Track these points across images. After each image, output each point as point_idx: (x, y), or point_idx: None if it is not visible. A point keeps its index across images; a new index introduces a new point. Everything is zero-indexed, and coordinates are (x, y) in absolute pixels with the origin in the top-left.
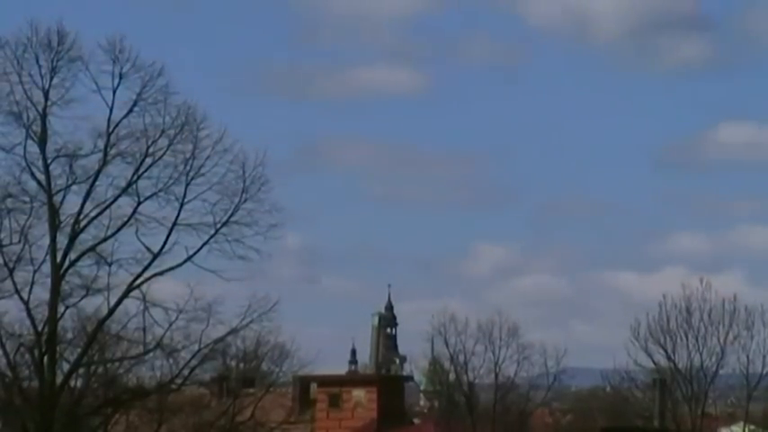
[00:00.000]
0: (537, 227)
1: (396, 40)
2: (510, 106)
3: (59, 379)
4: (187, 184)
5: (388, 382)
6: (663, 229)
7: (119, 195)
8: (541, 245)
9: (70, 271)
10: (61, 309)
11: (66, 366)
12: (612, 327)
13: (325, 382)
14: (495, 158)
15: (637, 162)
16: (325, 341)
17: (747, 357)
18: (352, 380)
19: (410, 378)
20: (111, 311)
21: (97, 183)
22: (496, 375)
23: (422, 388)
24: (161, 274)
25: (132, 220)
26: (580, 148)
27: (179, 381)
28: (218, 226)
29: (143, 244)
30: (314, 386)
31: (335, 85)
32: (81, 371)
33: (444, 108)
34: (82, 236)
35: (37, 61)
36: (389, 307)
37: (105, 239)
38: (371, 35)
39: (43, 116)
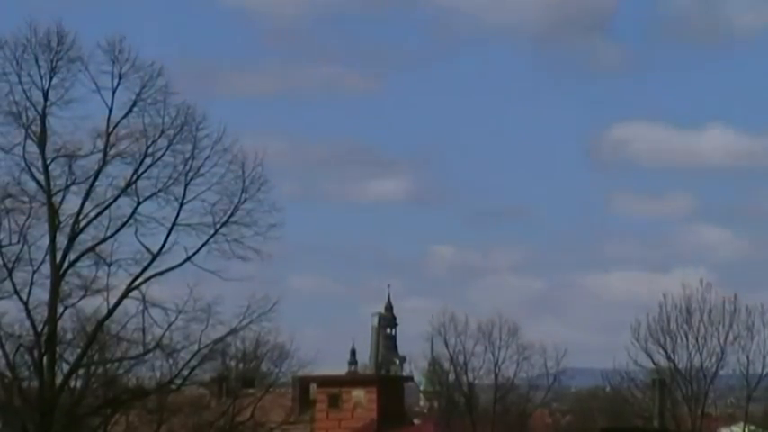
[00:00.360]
0: (479, 228)
1: (320, 38)
2: (445, 108)
3: (59, 379)
4: (186, 185)
5: (387, 382)
6: (605, 227)
7: (118, 196)
8: (489, 245)
9: (69, 271)
10: (60, 309)
11: (65, 367)
12: (579, 325)
13: (324, 382)
14: (422, 162)
15: (569, 161)
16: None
17: (747, 358)
18: (352, 380)
19: (410, 378)
20: (111, 312)
21: (96, 183)
22: (496, 376)
23: (421, 388)
24: (160, 274)
25: (132, 221)
26: (507, 147)
27: (178, 381)
28: (218, 226)
29: (142, 244)
30: (313, 386)
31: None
32: (80, 371)
33: (380, 108)
34: (81, 236)
35: (36, 62)
36: (389, 307)
37: (105, 240)
38: (292, 32)
39: (42, 116)
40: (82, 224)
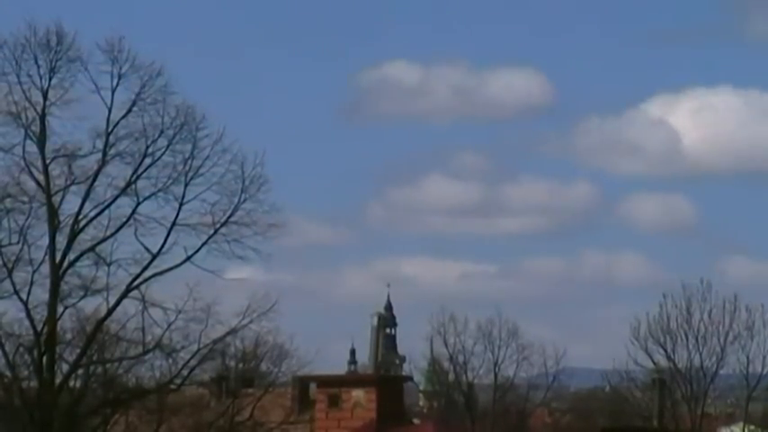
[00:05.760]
0: None
1: None
2: None
3: (59, 379)
4: (186, 184)
5: (387, 382)
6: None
7: (118, 195)
8: None
9: (69, 271)
10: (60, 309)
11: (65, 367)
12: None
13: (324, 382)
14: None
15: None
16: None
17: (747, 357)
18: (352, 380)
19: (409, 378)
20: (111, 312)
21: (96, 183)
22: (496, 375)
23: (421, 388)
24: (160, 274)
25: (131, 221)
26: None
27: (178, 381)
28: (218, 226)
29: (142, 244)
30: (313, 386)
31: None
32: (80, 371)
33: None
34: (81, 236)
35: (36, 61)
36: (389, 307)
37: (104, 240)
38: None
39: (42, 116)
40: (81, 224)
